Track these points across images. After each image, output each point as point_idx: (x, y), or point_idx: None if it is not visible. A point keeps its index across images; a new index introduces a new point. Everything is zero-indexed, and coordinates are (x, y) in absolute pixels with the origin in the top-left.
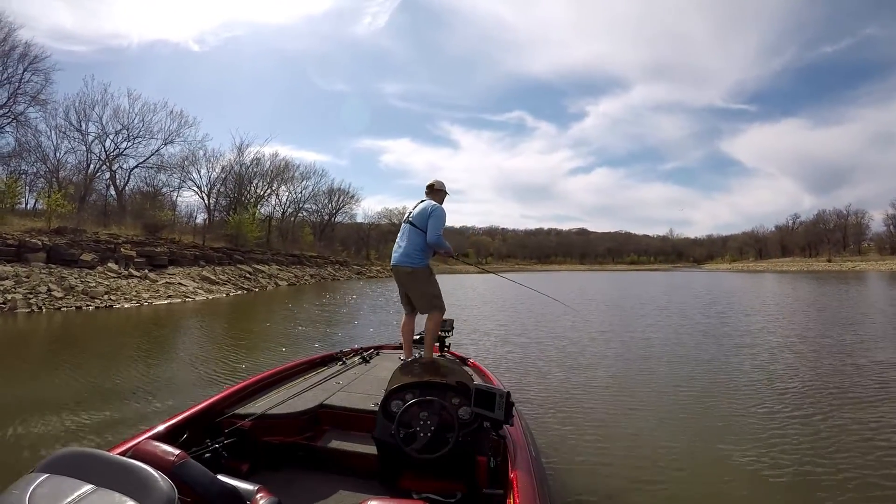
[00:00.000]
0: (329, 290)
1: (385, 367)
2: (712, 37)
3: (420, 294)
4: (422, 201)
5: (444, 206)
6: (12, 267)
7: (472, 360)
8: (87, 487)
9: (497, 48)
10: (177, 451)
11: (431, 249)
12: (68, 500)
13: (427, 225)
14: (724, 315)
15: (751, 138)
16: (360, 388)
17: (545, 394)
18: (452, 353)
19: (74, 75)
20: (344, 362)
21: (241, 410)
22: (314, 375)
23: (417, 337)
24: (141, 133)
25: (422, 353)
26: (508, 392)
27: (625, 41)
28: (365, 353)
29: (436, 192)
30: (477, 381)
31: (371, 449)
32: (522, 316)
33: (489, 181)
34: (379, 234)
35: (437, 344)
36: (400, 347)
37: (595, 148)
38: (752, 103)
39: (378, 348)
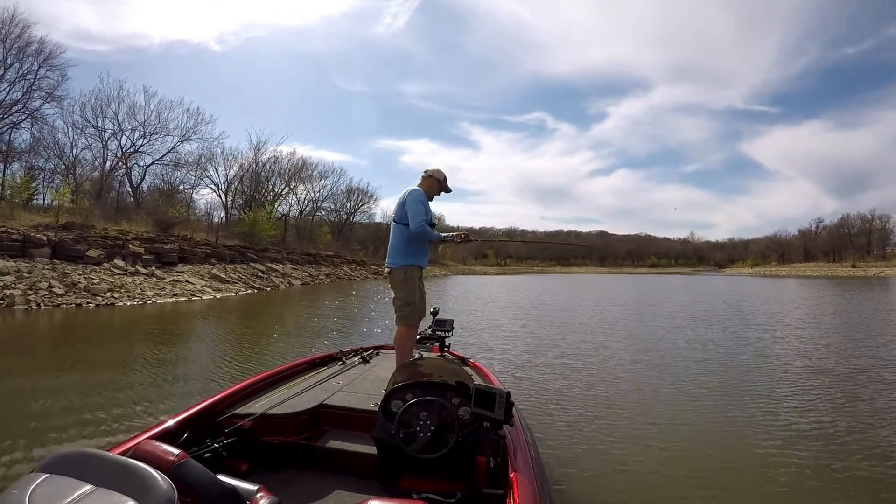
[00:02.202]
0: (342, 290)
1: (385, 367)
2: (734, 37)
3: (393, 298)
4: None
5: (436, 196)
6: (15, 262)
7: (472, 361)
8: (87, 487)
9: (517, 49)
10: (177, 451)
11: (415, 246)
12: (68, 500)
13: (406, 216)
14: (770, 327)
15: (772, 140)
16: (360, 388)
17: (545, 394)
18: (452, 353)
19: (97, 74)
20: (344, 362)
21: (241, 410)
22: (314, 375)
23: (417, 336)
24: (157, 130)
25: (422, 352)
26: (508, 392)
27: (646, 42)
28: (365, 353)
29: (424, 178)
30: (477, 381)
31: (371, 449)
32: (540, 322)
33: (509, 182)
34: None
35: (437, 344)
36: None
37: (615, 149)
38: (774, 105)
39: (378, 348)
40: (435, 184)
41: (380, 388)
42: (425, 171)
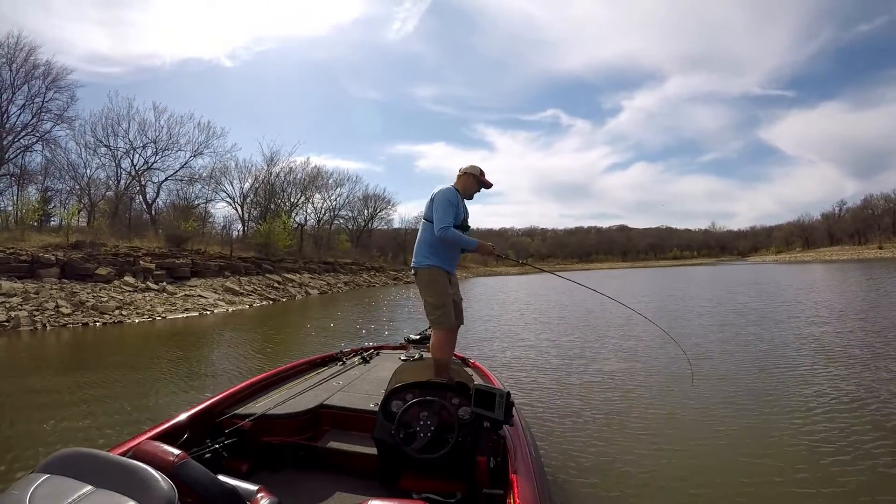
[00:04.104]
0: (359, 297)
1: (385, 368)
2: (746, 23)
3: (423, 302)
4: None
5: (476, 193)
6: (22, 283)
7: (473, 361)
8: (88, 488)
9: (528, 47)
10: (177, 452)
11: (440, 247)
12: (68, 500)
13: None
14: (824, 319)
15: (790, 125)
16: (361, 389)
17: (546, 394)
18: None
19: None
20: (344, 362)
21: (242, 410)
22: (314, 375)
23: (417, 337)
24: (169, 146)
25: (422, 353)
26: (508, 392)
27: (657, 32)
28: (365, 354)
29: (459, 176)
30: (477, 381)
31: (371, 449)
32: (558, 327)
33: (527, 182)
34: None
35: None
36: (400, 348)
37: (632, 143)
38: (790, 89)
39: (378, 348)
40: (472, 180)
41: (380, 389)
42: (460, 169)
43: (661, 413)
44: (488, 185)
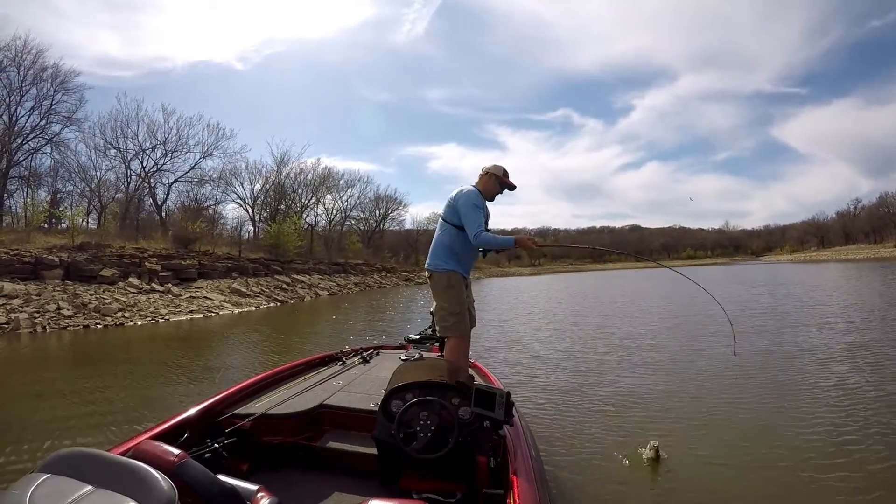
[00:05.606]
0: (368, 299)
1: (385, 367)
2: (756, 19)
3: (436, 307)
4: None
5: (498, 195)
6: (25, 285)
7: (472, 361)
8: (87, 488)
9: (537, 46)
10: (177, 451)
11: (459, 251)
12: (68, 500)
13: (458, 219)
14: (867, 322)
15: (803, 123)
16: (360, 389)
17: (546, 393)
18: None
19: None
20: (344, 362)
21: (242, 410)
22: (314, 375)
23: (417, 337)
24: (178, 147)
25: (422, 353)
26: (508, 392)
27: (667, 30)
28: (365, 353)
29: (481, 176)
30: (477, 381)
31: (371, 449)
32: (570, 332)
33: (538, 181)
34: (428, 238)
35: (438, 344)
36: (400, 348)
37: (644, 142)
38: (802, 86)
39: (378, 348)
40: (493, 181)
41: (380, 388)
42: (483, 169)
43: (664, 414)
44: (511, 187)
